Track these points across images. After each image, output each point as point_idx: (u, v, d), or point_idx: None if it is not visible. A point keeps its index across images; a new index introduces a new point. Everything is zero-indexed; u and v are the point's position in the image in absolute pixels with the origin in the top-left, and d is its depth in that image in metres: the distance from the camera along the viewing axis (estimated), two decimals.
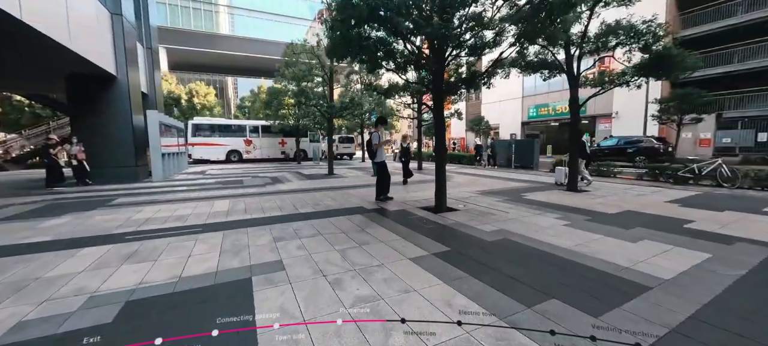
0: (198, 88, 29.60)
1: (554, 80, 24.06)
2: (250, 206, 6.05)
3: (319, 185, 9.27)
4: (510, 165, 15.25)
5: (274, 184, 9.46)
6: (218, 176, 11.92)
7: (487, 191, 7.76)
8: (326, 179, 10.80)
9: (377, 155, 6.38)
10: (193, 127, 19.11)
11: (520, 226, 4.48)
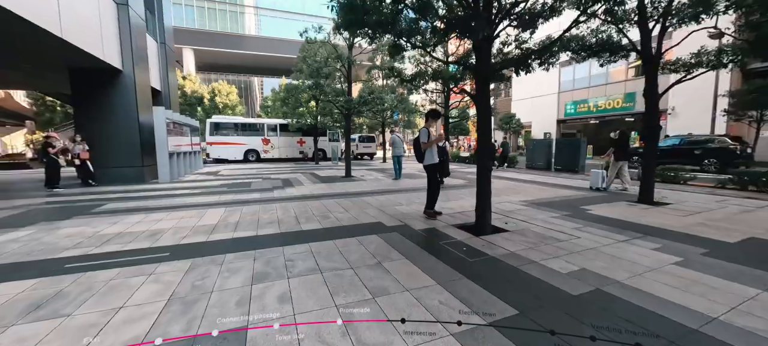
0: (220, 88, 29.62)
1: (595, 73, 21.74)
2: (245, 219, 4.98)
3: (333, 189, 8.13)
4: (549, 168, 13.49)
5: (283, 188, 8.43)
6: (229, 178, 11.12)
7: (535, 202, 6.28)
8: (342, 182, 9.66)
9: (426, 157, 4.96)
10: (211, 126, 18.69)
11: (608, 264, 3.06)
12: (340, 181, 9.88)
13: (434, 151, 4.96)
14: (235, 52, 46.75)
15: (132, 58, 9.59)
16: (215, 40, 45.82)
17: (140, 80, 10.04)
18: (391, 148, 10.29)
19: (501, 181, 9.67)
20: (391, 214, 5.28)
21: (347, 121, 10.94)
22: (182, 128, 12.00)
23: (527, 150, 14.60)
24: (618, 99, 21.00)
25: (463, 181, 9.70)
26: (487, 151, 4.19)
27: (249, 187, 8.67)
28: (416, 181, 9.73)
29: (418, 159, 5.09)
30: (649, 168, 6.23)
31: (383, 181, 9.86)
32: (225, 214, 5.32)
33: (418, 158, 5.08)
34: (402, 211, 5.52)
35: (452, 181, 9.69)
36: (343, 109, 10.38)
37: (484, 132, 4.20)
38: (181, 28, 45.99)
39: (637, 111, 19.99)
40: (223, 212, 5.50)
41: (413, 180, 9.96)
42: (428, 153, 4.91)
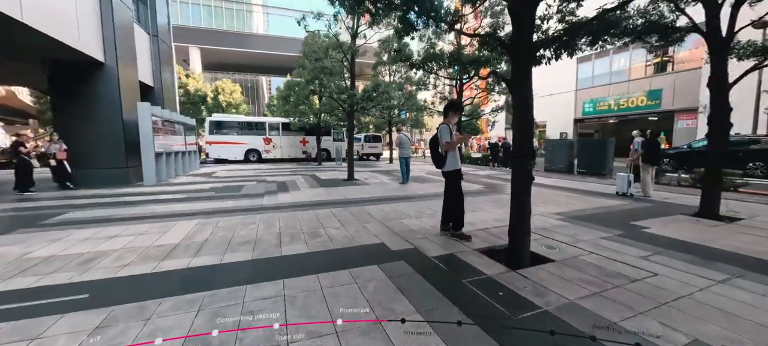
0: (224, 86, 29.00)
1: (616, 70, 20.11)
2: (215, 237, 4.02)
3: (331, 195, 7.16)
4: (571, 170, 12.29)
5: (276, 193, 7.49)
6: (222, 180, 10.24)
7: (572, 215, 5.19)
8: (343, 186, 8.68)
9: (448, 161, 3.88)
10: (211, 125, 17.94)
11: (728, 328, 1.99)
12: (341, 185, 8.90)
13: (457, 155, 3.93)
14: (243, 50, 46.30)
15: (115, 49, 8.78)
16: (222, 39, 45.44)
17: (125, 74, 9.23)
18: (397, 148, 9.27)
19: None
20: (397, 231, 4.27)
21: (350, 118, 9.96)
22: (174, 126, 11.19)
23: (546, 151, 13.40)
24: (641, 97, 19.58)
25: (480, 186, 8.62)
26: (528, 153, 3.14)
27: (239, 191, 7.76)
28: (426, 185, 8.70)
29: (436, 163, 4.05)
30: (715, 176, 5.08)
31: (389, 185, 8.85)
32: (195, 229, 4.38)
33: (436, 163, 4.04)
34: (411, 226, 4.50)
35: (466, 185, 8.62)
36: (345, 105, 9.40)
37: (524, 127, 3.14)
38: (188, 27, 45.84)
39: (662, 110, 18.55)
40: (195, 225, 4.56)
41: (422, 185, 8.92)
42: (451, 157, 3.88)
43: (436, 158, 3.99)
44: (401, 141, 9.23)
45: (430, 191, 7.76)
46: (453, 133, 3.87)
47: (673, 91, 18.10)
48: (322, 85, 8.98)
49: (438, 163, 3.98)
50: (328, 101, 10.98)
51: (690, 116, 17.68)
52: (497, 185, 8.94)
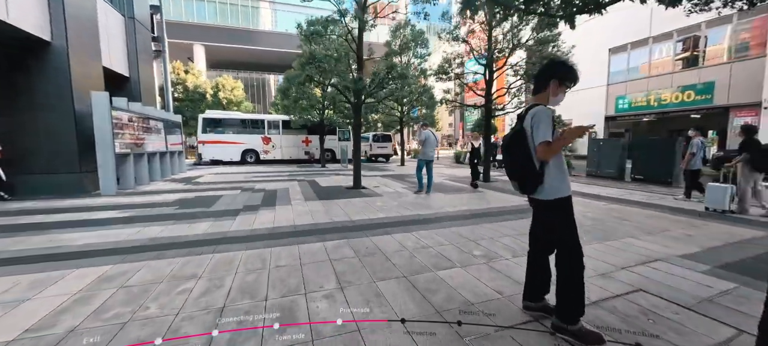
0: (224, 82, 27.47)
1: (657, 61, 17.37)
2: (100, 319, 2.14)
3: (330, 214, 5.25)
4: (621, 176, 10.18)
5: (257, 210, 5.61)
6: (201, 188, 8.46)
7: (711, 258, 3.16)
8: (347, 197, 6.79)
9: (549, 179, 1.92)
10: (204, 123, 16.25)
11: None
12: (344, 195, 7.00)
13: (564, 166, 1.98)
14: (249, 48, 44.89)
15: (65, 26, 7.04)
16: (228, 36, 44.17)
17: (80, 58, 7.49)
18: (421, 147, 7.32)
19: (574, 197, 6.54)
20: (439, 304, 2.31)
21: (357, 113, 8.04)
22: (150, 123, 9.45)
23: (590, 152, 11.28)
24: (689, 91, 17.20)
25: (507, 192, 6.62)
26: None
27: (210, 206, 5.92)
28: (455, 198, 6.74)
29: (521, 185, 2.04)
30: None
31: (405, 196, 6.91)
32: (79, 295, 2.51)
33: (522, 183, 2.03)
34: (460, 290, 2.54)
35: (501, 197, 6.62)
36: (349, 94, 7.50)
37: None
38: (192, 23, 44.71)
39: (715, 105, 16.16)
40: (88, 284, 2.70)
41: (450, 196, 6.97)
42: (554, 170, 1.94)
43: (522, 174, 2.01)
44: (427, 139, 7.28)
45: (459, 206, 5.81)
46: (555, 130, 1.92)
47: (728, 84, 15.71)
48: (321, 70, 7.07)
49: (528, 183, 1.99)
50: (332, 93, 9.11)
51: (750, 113, 15.24)
52: None
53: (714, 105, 16.26)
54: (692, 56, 17.35)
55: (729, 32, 15.66)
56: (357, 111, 8.01)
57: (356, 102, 7.87)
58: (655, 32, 18.45)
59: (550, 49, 8.41)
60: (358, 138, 8.14)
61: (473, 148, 8.86)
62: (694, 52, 17.26)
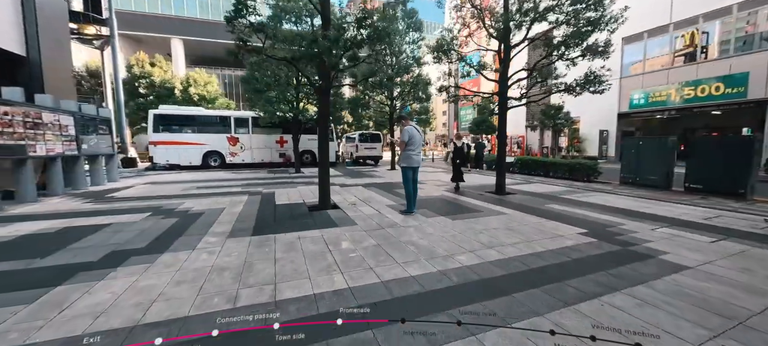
0: (196, 76, 24.70)
1: (680, 49, 15.01)
2: None
3: (233, 281, 2.81)
4: (668, 185, 7.96)
5: (113, 269, 3.13)
6: (94, 210, 5.94)
7: None
8: (299, 228, 4.36)
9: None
10: (155, 120, 13.59)
11: None
12: (296, 224, 4.55)
13: None
14: (233, 42, 41.94)
15: None
16: (209, 30, 41.35)
17: None
18: (401, 151, 4.97)
19: (618, 204, 4.18)
20: None
21: (323, 98, 5.59)
22: (45, 118, 6.86)
23: (625, 155, 9.02)
24: (717, 84, 15.15)
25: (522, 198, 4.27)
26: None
27: (44, 257, 3.41)
28: (466, 225, 4.34)
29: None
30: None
31: (390, 223, 4.49)
32: None
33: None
34: None
35: (511, 212, 4.26)
36: (308, 68, 5.06)
37: None
38: (170, 16, 41.69)
39: (752, 98, 14.11)
40: None
41: (458, 224, 4.57)
42: None
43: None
44: (411, 137, 4.90)
45: (479, 248, 3.41)
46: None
47: (766, 75, 13.69)
48: (267, 32, 4.60)
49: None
50: (289, 74, 6.68)
51: None
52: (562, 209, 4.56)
53: (748, 99, 14.23)
54: (719, 45, 15.33)
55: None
56: (323, 95, 5.56)
57: (321, 83, 5.43)
58: (677, 17, 16.40)
59: (593, 12, 6.06)
60: (325, 135, 5.70)
61: (456, 147, 8.11)
62: (716, 42, 15.24)
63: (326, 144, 5.76)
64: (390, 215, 5.15)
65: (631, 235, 4.03)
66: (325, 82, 5.51)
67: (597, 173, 9.98)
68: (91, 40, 17.30)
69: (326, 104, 5.67)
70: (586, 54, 6.42)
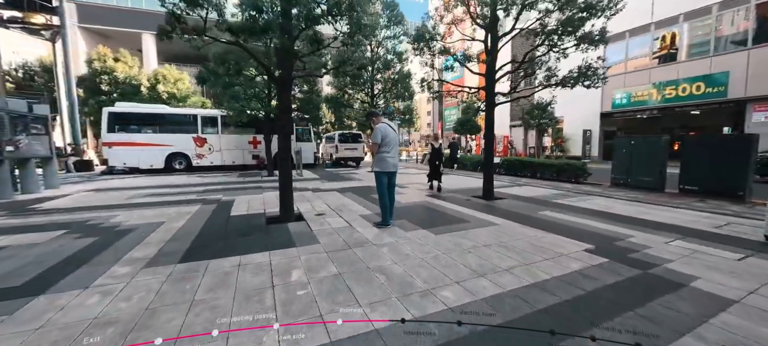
0: (166, 73, 23.07)
1: (660, 48, 14.11)
2: None
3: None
4: (661, 186, 7.56)
5: None
6: (1, 230, 4.86)
7: None
8: (247, 249, 3.49)
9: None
10: (110, 119, 12.26)
11: None
12: (247, 243, 3.68)
13: None
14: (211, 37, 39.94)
15: None
16: None
17: None
18: (373, 151, 4.19)
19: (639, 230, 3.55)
20: None
21: (284, 90, 4.73)
22: None
23: (616, 155, 8.57)
24: (698, 83, 15.18)
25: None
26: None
27: None
28: (451, 240, 3.59)
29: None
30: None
31: (361, 240, 3.69)
32: None
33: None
34: None
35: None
36: (251, 41, 4.22)
37: None
38: (139, 10, 39.33)
39: (732, 98, 14.16)
40: None
41: (444, 239, 3.82)
42: None
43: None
44: (384, 136, 4.12)
45: (468, 276, 2.66)
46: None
47: (745, 74, 13.74)
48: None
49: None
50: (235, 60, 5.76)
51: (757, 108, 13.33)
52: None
53: (728, 98, 14.28)
54: (699, 43, 15.36)
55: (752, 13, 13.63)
56: (283, 87, 4.70)
57: (281, 73, 4.57)
58: (658, 16, 16.40)
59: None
60: (287, 134, 4.83)
61: (433, 149, 8.09)
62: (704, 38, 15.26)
63: (288, 144, 4.89)
64: (362, 228, 4.34)
65: (644, 251, 3.39)
66: (284, 72, 4.65)
67: (586, 174, 9.53)
68: (39, 30, 15.63)
69: (287, 98, 4.81)
70: (581, 43, 5.84)
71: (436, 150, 7.98)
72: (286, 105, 4.82)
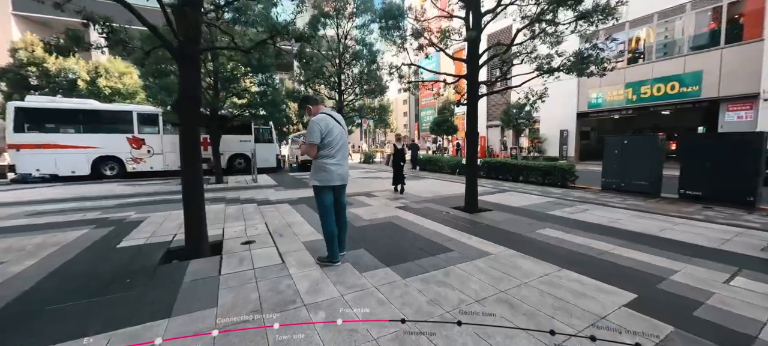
0: (108, 66, 20.36)
1: (634, 47, 13.08)
2: None
3: None
4: (656, 190, 6.79)
5: None
6: None
7: None
8: (90, 327, 2.01)
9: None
10: (18, 116, 10.03)
11: None
12: (92, 315, 2.21)
13: None
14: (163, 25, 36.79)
15: None
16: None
17: None
18: (308, 155, 2.85)
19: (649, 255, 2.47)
20: None
21: (185, 66, 3.30)
22: None
23: (608, 157, 7.71)
24: (672, 83, 15.04)
25: None
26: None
27: None
28: (435, 292, 2.31)
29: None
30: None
31: (287, 289, 2.33)
32: None
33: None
34: None
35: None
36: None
37: None
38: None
39: (705, 97, 14.05)
40: None
41: (413, 285, 2.52)
42: None
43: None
44: (327, 132, 2.79)
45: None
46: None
47: (718, 73, 13.64)
48: None
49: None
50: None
51: (744, 106, 13.23)
52: None
53: (702, 97, 14.16)
54: (673, 42, 15.26)
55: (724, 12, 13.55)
56: (183, 62, 3.25)
57: (181, 43, 3.14)
58: (633, 15, 16.20)
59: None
60: (193, 126, 3.40)
61: (396, 150, 8.01)
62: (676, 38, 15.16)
63: (194, 143, 3.44)
64: (298, 268, 2.96)
65: (711, 303, 2.27)
66: (188, 46, 3.20)
67: (574, 178, 8.67)
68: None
69: (191, 77, 3.36)
70: (587, 16, 4.80)
71: (399, 151, 7.98)
72: (189, 87, 3.35)
